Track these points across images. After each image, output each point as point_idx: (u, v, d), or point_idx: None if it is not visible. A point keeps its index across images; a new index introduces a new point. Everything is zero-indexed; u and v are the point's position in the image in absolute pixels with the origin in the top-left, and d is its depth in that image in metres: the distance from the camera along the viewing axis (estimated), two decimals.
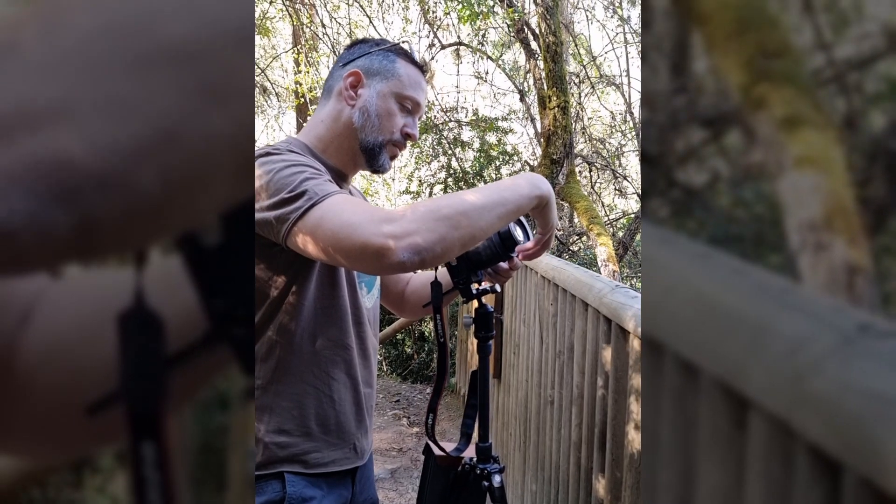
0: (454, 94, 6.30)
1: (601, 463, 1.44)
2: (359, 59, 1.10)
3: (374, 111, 1.07)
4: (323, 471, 1.06)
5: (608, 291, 1.44)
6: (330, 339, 1.05)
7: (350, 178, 1.16)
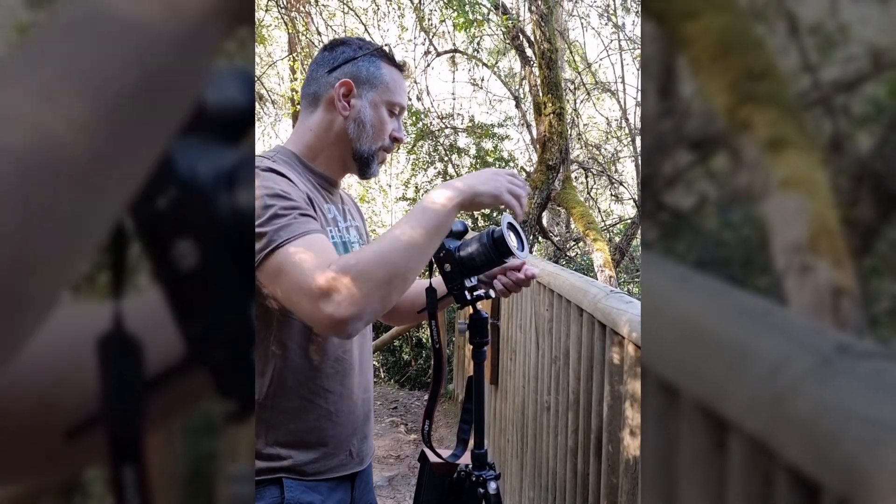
0: (450, 100, 6.32)
1: (598, 469, 1.45)
2: (344, 66, 1.09)
3: (368, 121, 1.08)
4: (321, 477, 1.07)
5: (603, 297, 1.45)
6: (324, 352, 1.06)
7: (339, 183, 1.17)
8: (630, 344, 1.22)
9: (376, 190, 6.61)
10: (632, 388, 1.22)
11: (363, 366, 1.14)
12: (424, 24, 5.42)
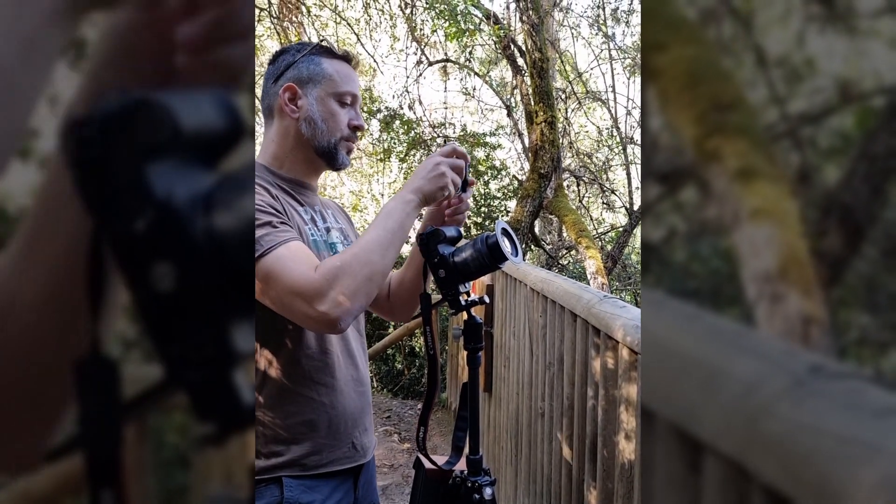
0: (442, 110, 6.33)
1: (593, 474, 1.45)
2: (287, 72, 1.13)
3: (318, 117, 1.12)
4: (323, 471, 1.08)
5: (597, 302, 1.45)
6: (309, 346, 1.08)
7: (312, 184, 1.20)
8: (624, 348, 1.22)
9: (369, 199, 6.61)
10: (626, 392, 1.22)
11: (353, 358, 1.16)
12: (416, 34, 5.43)
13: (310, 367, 1.08)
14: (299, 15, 5.61)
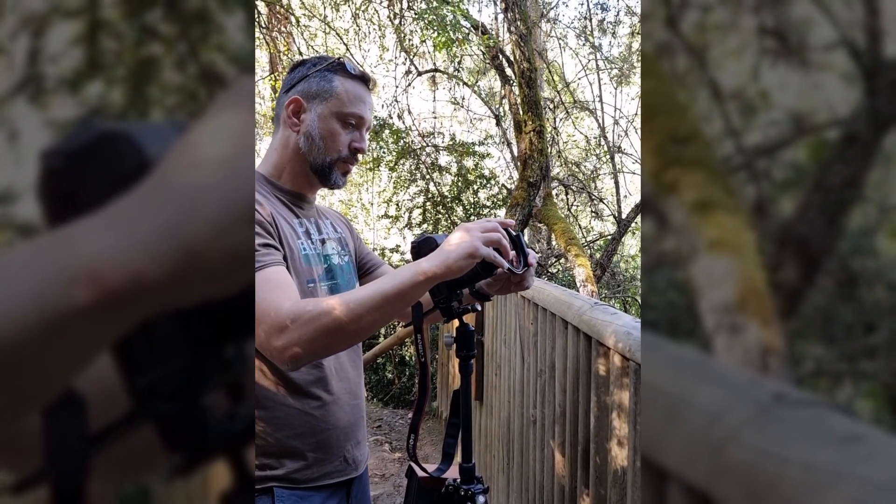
0: (431, 119, 6.34)
1: (585, 480, 1.44)
2: (299, 84, 1.12)
3: (317, 134, 1.11)
4: (315, 485, 1.07)
5: (587, 309, 1.46)
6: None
7: (310, 197, 1.19)
8: (616, 355, 1.22)
9: (358, 208, 6.61)
10: (618, 398, 1.22)
11: (346, 371, 1.15)
12: (405, 45, 5.45)
13: (302, 380, 1.07)
14: (288, 25, 5.62)
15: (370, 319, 0.90)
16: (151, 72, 0.86)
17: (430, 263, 0.90)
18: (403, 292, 0.91)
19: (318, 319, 0.88)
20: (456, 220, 5.68)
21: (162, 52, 0.86)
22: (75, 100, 0.83)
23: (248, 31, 0.82)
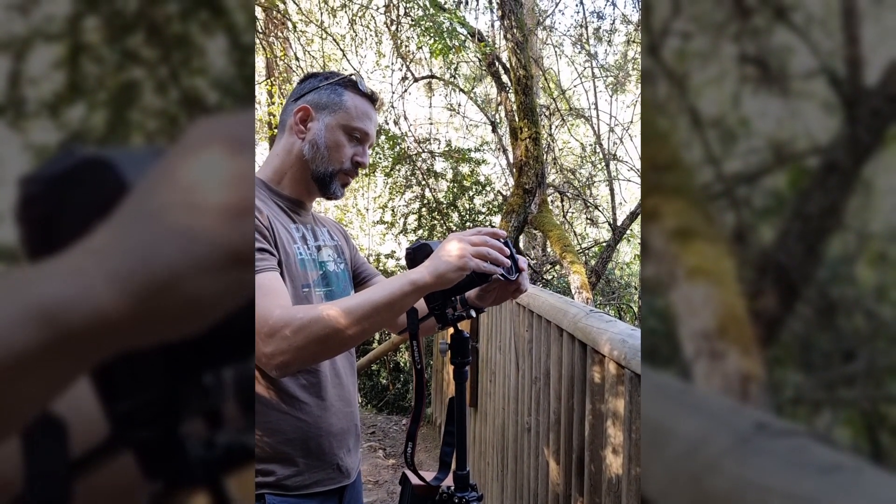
0: (427, 125, 6.34)
1: (580, 488, 1.44)
2: (308, 94, 1.14)
3: (322, 143, 1.12)
4: (306, 492, 1.07)
5: (583, 316, 1.45)
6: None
7: (308, 204, 1.20)
8: (611, 362, 1.22)
9: (354, 213, 6.60)
10: (613, 406, 1.22)
11: (341, 378, 1.15)
12: (402, 51, 5.45)
13: (296, 385, 1.07)
14: (284, 30, 5.62)
15: (360, 328, 0.91)
16: (132, 96, 0.86)
17: (420, 274, 0.92)
18: (393, 302, 0.92)
19: (308, 327, 0.89)
20: (451, 227, 5.68)
21: (143, 76, 0.86)
22: (56, 123, 0.83)
23: (230, 56, 0.83)
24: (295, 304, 1.06)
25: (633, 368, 1.07)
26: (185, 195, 0.34)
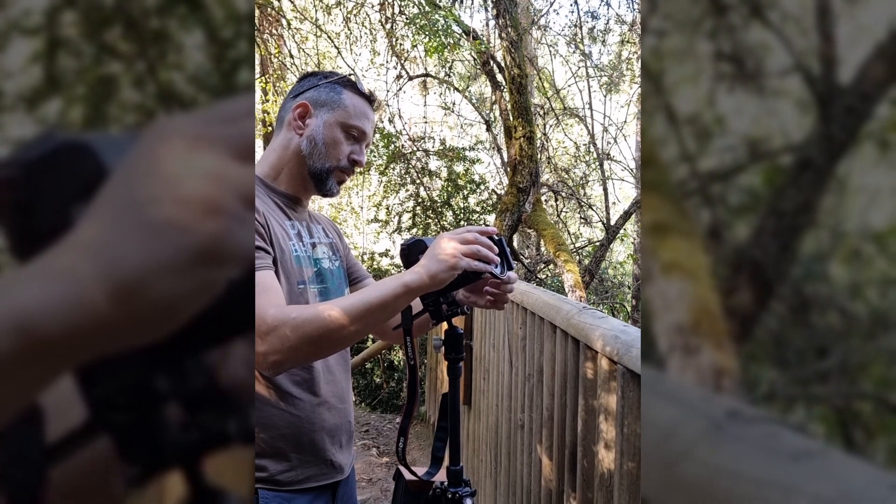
0: (422, 124, 6.34)
1: (572, 484, 1.45)
2: (308, 92, 1.15)
3: (320, 139, 1.13)
4: (299, 487, 1.07)
5: (576, 313, 1.46)
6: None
7: (304, 201, 1.20)
8: (604, 358, 1.23)
9: (348, 211, 6.59)
10: (606, 402, 1.23)
11: (334, 374, 1.15)
12: (396, 49, 5.45)
13: (289, 381, 1.07)
14: (279, 27, 5.61)
15: (353, 329, 0.92)
16: (110, 90, 0.86)
17: (412, 276, 0.93)
18: (387, 304, 0.93)
19: (302, 327, 0.89)
20: (445, 225, 5.68)
21: (120, 70, 0.86)
22: (33, 117, 0.83)
23: (207, 50, 0.83)
24: (290, 301, 1.06)
25: (625, 364, 1.07)
26: (168, 188, 0.33)
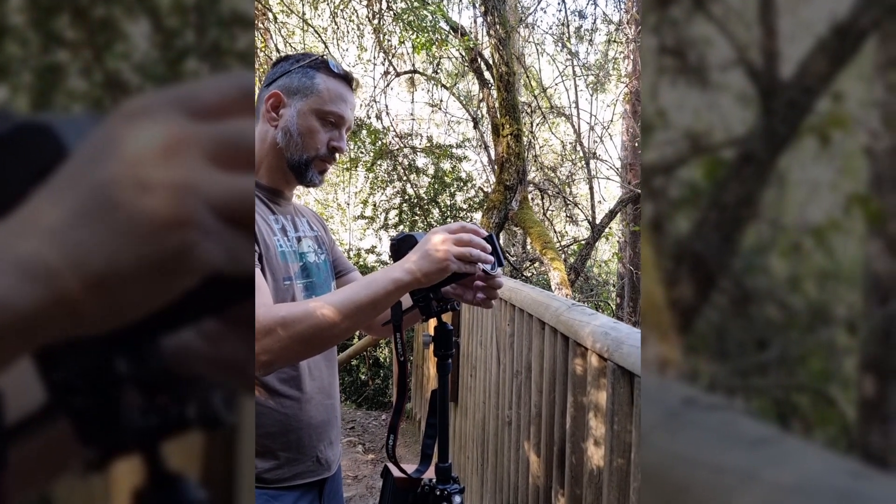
0: (409, 120, 6.34)
1: (560, 480, 1.45)
2: (280, 79, 1.11)
3: (295, 130, 1.09)
4: (286, 485, 1.06)
5: (565, 309, 1.46)
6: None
7: (287, 194, 1.17)
8: (593, 355, 1.23)
9: (334, 208, 6.58)
10: (595, 398, 1.23)
11: (321, 370, 1.14)
12: (384, 45, 5.43)
13: (275, 378, 1.06)
14: (265, 21, 5.59)
15: (343, 327, 0.91)
16: (57, 78, 0.86)
17: (404, 274, 0.91)
18: (376, 301, 0.91)
19: (291, 327, 0.88)
20: (432, 223, 5.68)
21: (67, 58, 0.85)
22: None
23: (152, 39, 0.83)
24: (276, 297, 1.05)
25: (615, 360, 1.08)
26: (131, 168, 0.32)
